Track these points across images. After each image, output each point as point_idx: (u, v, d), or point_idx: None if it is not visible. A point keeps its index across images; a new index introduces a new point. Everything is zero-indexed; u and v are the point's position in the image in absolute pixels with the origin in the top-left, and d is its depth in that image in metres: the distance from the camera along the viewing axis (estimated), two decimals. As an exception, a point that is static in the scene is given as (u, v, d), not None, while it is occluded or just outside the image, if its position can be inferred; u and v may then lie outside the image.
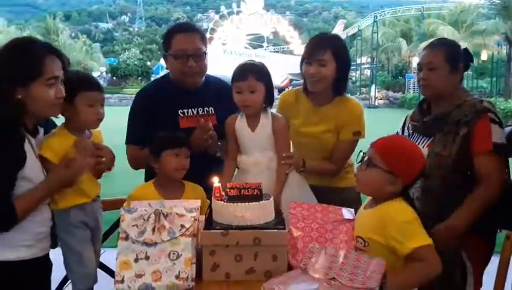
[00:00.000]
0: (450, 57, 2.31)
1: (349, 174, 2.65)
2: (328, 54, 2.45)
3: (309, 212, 2.02)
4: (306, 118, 2.58)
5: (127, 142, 2.58)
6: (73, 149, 1.98)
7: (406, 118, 2.61)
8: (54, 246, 2.08)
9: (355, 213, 2.03)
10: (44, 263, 2.03)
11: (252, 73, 2.28)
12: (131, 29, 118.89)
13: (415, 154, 1.92)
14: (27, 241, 1.89)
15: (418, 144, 2.36)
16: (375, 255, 1.83)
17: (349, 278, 1.67)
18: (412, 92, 38.24)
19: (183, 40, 2.53)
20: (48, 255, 2.04)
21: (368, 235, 1.88)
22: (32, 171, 1.87)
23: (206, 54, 2.58)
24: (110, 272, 2.76)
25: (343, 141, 2.55)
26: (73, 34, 62.40)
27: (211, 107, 2.60)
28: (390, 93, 39.16)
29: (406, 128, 2.56)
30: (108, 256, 2.49)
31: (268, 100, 2.35)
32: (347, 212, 2.03)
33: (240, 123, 2.36)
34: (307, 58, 2.51)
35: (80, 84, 2.04)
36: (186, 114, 2.58)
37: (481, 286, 2.37)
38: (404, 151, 1.91)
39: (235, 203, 1.85)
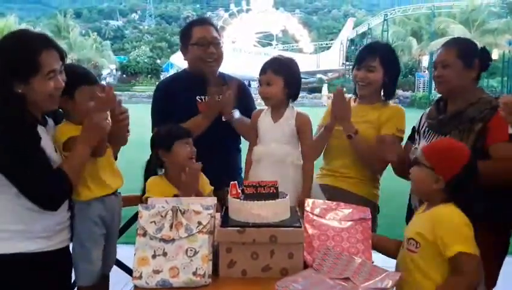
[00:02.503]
0: (463, 54, 2.34)
1: (375, 189, 2.67)
2: (377, 61, 2.60)
3: (325, 211, 2.04)
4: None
5: (153, 129, 2.62)
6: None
7: (422, 115, 2.61)
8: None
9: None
10: (64, 256, 2.06)
11: (270, 67, 2.41)
12: (141, 27, 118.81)
13: (456, 151, 1.94)
14: (46, 233, 1.92)
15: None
16: (425, 257, 1.85)
17: (364, 279, 1.70)
18: (422, 91, 38.07)
19: (203, 30, 2.77)
20: (67, 248, 2.07)
21: (419, 236, 1.88)
22: (48, 149, 1.90)
23: (222, 42, 2.85)
24: (124, 268, 2.79)
25: (387, 135, 2.52)
26: (83, 32, 62.53)
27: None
28: (400, 92, 38.88)
29: (421, 125, 2.56)
30: (122, 252, 2.52)
31: (291, 94, 2.42)
32: (362, 212, 2.05)
33: (264, 115, 2.47)
34: (357, 65, 2.67)
35: (80, 78, 2.07)
36: (204, 100, 2.72)
37: (494, 286, 2.35)
38: (444, 148, 1.97)
39: (252, 201, 1.87)
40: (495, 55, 34.58)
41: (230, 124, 2.66)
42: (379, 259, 1.97)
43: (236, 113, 2.62)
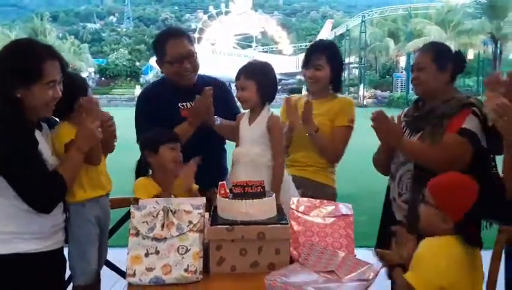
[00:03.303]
0: (437, 57, 2.47)
1: (332, 174, 2.96)
2: (323, 59, 2.86)
3: (309, 208, 2.14)
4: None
5: (138, 140, 2.68)
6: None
7: (400, 115, 2.73)
8: (67, 241, 2.17)
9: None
10: (59, 257, 2.12)
11: (242, 73, 2.48)
12: (119, 29, 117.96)
13: (464, 189, 1.86)
14: (41, 234, 1.98)
15: (410, 137, 2.49)
16: None
17: (347, 272, 1.80)
18: (399, 91, 38.56)
19: (175, 45, 2.75)
20: (62, 249, 2.13)
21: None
22: (44, 153, 1.97)
23: (196, 53, 2.83)
24: (113, 267, 2.85)
25: (341, 126, 2.87)
26: (60, 35, 61.90)
27: None
28: (378, 92, 39.44)
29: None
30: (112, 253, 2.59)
31: (265, 97, 2.49)
32: (345, 208, 2.16)
33: (244, 118, 2.55)
34: (306, 64, 2.92)
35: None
36: (186, 106, 2.79)
37: None
38: (452, 186, 1.88)
39: (240, 200, 1.96)
40: (470, 55, 35.29)
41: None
42: (361, 253, 2.05)
43: (218, 120, 2.70)
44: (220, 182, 2.05)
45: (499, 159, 2.44)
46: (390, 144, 2.47)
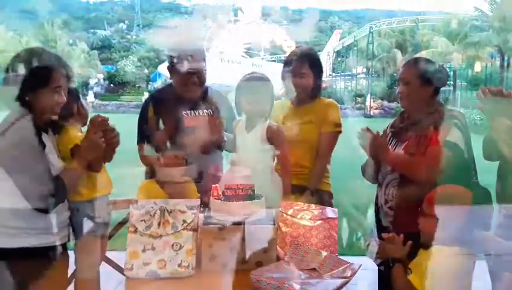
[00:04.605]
0: (421, 72, 2.60)
1: (326, 179, 3.04)
2: (306, 67, 2.95)
3: (297, 211, 2.28)
4: (291, 116, 2.99)
5: (139, 142, 2.88)
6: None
7: (387, 126, 2.86)
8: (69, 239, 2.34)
9: None
10: (63, 252, 2.28)
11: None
12: (128, 36, 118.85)
13: (457, 197, 2.05)
14: (48, 230, 2.14)
15: (396, 147, 2.63)
16: None
17: (328, 269, 1.94)
18: (407, 102, 38.46)
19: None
20: (66, 244, 2.29)
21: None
22: (51, 155, 2.15)
23: (206, 69, 2.97)
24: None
25: (327, 133, 2.96)
26: (71, 41, 62.33)
27: (209, 109, 2.95)
28: (385, 103, 39.33)
29: (386, 135, 2.81)
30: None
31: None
32: (330, 212, 2.30)
33: (240, 125, 2.71)
34: (291, 73, 2.98)
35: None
36: (190, 114, 2.92)
37: None
38: (448, 196, 2.06)
39: (231, 202, 2.11)
40: (477, 67, 35.33)
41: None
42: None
43: (226, 137, 2.81)
44: (213, 185, 2.20)
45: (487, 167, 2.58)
46: (376, 158, 2.60)
